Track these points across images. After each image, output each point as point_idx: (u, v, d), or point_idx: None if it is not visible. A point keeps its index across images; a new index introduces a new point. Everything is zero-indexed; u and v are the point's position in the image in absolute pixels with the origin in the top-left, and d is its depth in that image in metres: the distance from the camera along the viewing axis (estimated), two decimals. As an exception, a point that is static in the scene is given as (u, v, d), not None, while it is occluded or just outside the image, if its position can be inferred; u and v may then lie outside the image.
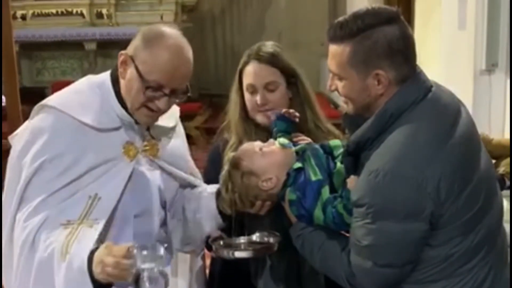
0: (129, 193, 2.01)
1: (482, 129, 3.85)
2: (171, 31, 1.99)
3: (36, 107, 2.03)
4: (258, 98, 2.25)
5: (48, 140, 1.95)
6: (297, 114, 2.18)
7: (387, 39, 1.73)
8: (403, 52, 1.76)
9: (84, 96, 2.03)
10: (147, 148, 2.08)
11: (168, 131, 2.18)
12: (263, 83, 2.25)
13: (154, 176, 2.10)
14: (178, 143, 2.23)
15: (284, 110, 2.18)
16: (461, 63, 4.12)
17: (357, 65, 1.76)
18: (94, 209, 1.93)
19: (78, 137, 1.96)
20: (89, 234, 1.88)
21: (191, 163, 2.33)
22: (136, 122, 2.04)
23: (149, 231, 2.08)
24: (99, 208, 1.94)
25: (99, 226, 1.91)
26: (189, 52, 1.99)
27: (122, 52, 1.98)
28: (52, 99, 2.04)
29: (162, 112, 2.00)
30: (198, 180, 2.28)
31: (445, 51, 4.44)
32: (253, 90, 2.26)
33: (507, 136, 3.85)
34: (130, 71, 1.95)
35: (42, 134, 1.96)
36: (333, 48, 1.80)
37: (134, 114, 2.00)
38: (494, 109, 3.97)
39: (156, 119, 2.05)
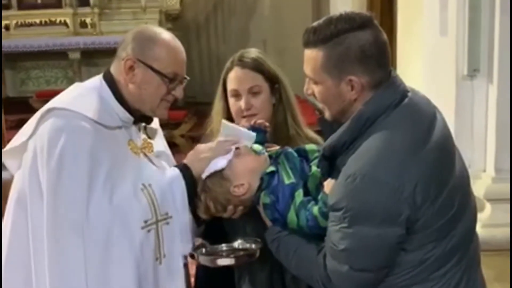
0: None
1: (465, 134, 3.91)
2: (156, 27, 2.18)
3: (42, 112, 2.02)
4: (242, 102, 2.26)
5: (70, 139, 1.95)
6: (266, 124, 2.19)
7: (360, 45, 1.74)
8: (376, 57, 1.76)
9: (85, 98, 2.07)
10: (144, 146, 2.18)
11: (156, 132, 2.29)
12: (246, 87, 2.26)
13: None
14: (161, 143, 2.31)
15: (253, 121, 2.19)
16: (443, 69, 4.14)
17: (330, 70, 1.77)
18: (157, 199, 2.01)
19: (95, 134, 1.99)
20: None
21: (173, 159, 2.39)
22: (134, 122, 2.13)
23: None
24: (159, 197, 2.02)
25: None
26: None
27: (128, 57, 2.05)
28: (57, 102, 2.05)
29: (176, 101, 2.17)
30: None
31: (427, 57, 4.45)
32: (237, 95, 2.28)
33: (490, 137, 3.88)
34: (142, 72, 2.05)
35: (62, 134, 1.96)
36: (308, 53, 1.81)
37: (155, 111, 2.13)
38: (476, 114, 3.99)
39: None
